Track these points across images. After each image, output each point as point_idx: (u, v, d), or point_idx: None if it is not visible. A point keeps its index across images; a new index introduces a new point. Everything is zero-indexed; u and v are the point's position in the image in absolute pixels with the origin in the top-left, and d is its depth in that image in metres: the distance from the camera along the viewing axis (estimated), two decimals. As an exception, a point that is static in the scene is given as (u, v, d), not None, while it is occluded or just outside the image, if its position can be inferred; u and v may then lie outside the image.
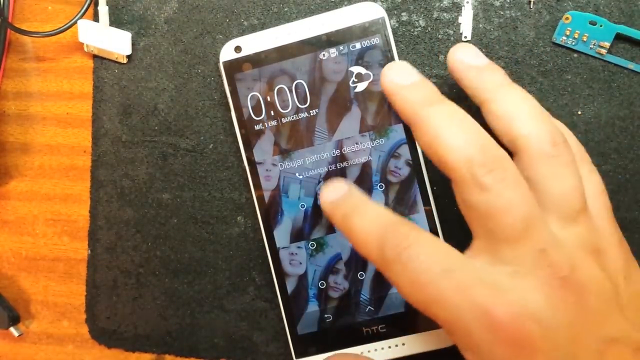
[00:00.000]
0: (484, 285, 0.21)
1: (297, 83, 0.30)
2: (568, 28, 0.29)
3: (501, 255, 0.21)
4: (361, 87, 0.29)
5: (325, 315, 0.30)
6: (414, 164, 0.29)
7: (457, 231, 0.30)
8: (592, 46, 0.29)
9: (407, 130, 0.29)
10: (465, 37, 0.30)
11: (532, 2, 0.30)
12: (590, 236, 0.22)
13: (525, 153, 0.23)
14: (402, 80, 0.24)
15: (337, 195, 0.26)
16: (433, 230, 0.29)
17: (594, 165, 0.26)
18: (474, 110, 0.24)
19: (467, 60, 0.25)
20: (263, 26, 0.32)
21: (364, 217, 0.24)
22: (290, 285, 0.30)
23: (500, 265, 0.21)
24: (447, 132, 0.22)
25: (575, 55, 0.30)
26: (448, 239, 0.29)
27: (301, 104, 0.30)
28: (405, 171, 0.29)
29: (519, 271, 0.21)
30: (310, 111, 0.30)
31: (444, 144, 0.22)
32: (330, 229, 0.30)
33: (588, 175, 0.25)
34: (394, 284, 0.22)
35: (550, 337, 0.20)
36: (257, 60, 0.30)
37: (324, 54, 0.30)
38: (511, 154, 0.23)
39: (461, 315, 0.20)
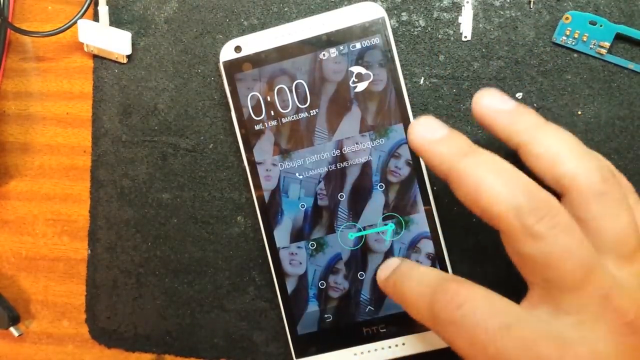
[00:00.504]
0: (548, 339, 0.20)
1: (297, 83, 0.30)
2: (568, 28, 0.29)
3: (562, 305, 0.21)
4: (361, 87, 0.29)
5: (325, 315, 0.30)
6: (414, 163, 0.29)
7: (457, 230, 0.30)
8: (592, 46, 0.29)
9: (407, 130, 0.29)
10: (465, 37, 0.30)
11: (532, 2, 0.30)
12: None
13: (574, 192, 0.21)
14: (432, 134, 0.23)
15: (390, 269, 0.26)
16: (433, 230, 0.29)
17: (638, 194, 0.25)
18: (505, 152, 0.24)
19: (495, 106, 0.24)
20: (263, 26, 0.32)
21: (412, 280, 0.24)
22: (290, 285, 0.30)
23: (563, 316, 0.20)
24: (489, 182, 0.21)
25: (575, 55, 0.30)
26: (448, 238, 0.29)
27: (301, 104, 0.30)
28: (405, 171, 0.29)
29: (583, 320, 0.20)
30: (310, 111, 0.30)
31: (487, 194, 0.21)
32: (330, 229, 0.30)
33: (636, 206, 0.24)
34: (452, 346, 0.21)
35: None
36: (257, 60, 0.30)
37: (324, 54, 0.30)
38: (558, 196, 0.22)
39: None
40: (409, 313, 0.24)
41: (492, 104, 0.24)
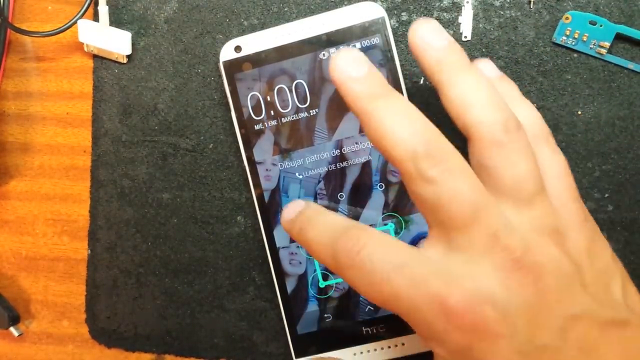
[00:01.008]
0: (437, 275, 0.21)
1: (297, 83, 0.30)
2: (568, 28, 0.29)
3: (454, 244, 0.22)
4: (361, 87, 0.29)
5: (325, 315, 0.30)
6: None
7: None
8: (592, 46, 0.29)
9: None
10: (465, 37, 0.30)
11: (532, 2, 0.30)
12: (547, 218, 0.22)
13: (477, 140, 0.23)
14: (351, 71, 0.23)
15: (295, 212, 0.26)
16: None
17: (557, 146, 0.26)
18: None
19: (428, 40, 0.24)
20: (263, 26, 0.32)
21: (315, 228, 0.24)
22: (290, 285, 0.30)
23: (454, 254, 0.22)
24: (391, 126, 0.22)
25: (575, 55, 0.30)
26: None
27: (301, 104, 0.30)
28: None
29: (472, 257, 0.21)
30: (310, 111, 0.30)
31: (389, 138, 0.22)
32: (330, 228, 0.30)
33: (551, 156, 0.25)
34: (354, 288, 0.23)
35: (507, 320, 0.20)
36: (257, 60, 0.30)
37: (324, 54, 0.30)
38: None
39: (418, 307, 0.21)
40: (313, 256, 0.25)
41: (425, 37, 0.24)
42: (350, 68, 0.23)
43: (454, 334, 0.20)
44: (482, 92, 0.23)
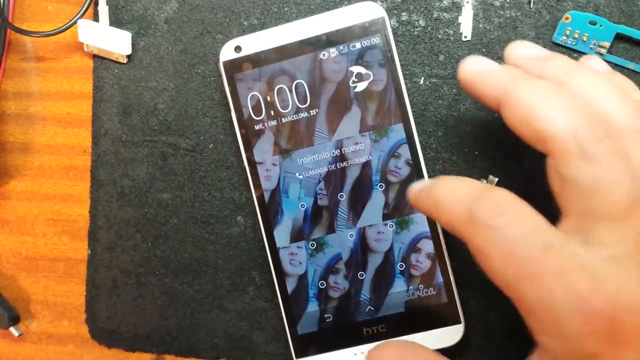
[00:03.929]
0: (583, 270, 0.19)
1: (297, 83, 0.30)
2: (568, 28, 0.29)
3: (598, 236, 0.20)
4: (361, 87, 0.29)
5: (325, 315, 0.30)
6: (414, 163, 0.29)
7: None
8: (592, 46, 0.29)
9: (407, 130, 0.29)
10: (465, 37, 0.30)
11: (532, 2, 0.30)
12: None
13: (614, 130, 0.21)
14: (486, 66, 0.23)
15: (422, 183, 0.24)
16: (433, 230, 0.29)
17: None
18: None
19: (528, 54, 0.24)
20: (263, 26, 0.32)
21: (452, 184, 0.22)
22: (290, 285, 0.30)
23: (597, 247, 0.20)
24: (546, 103, 0.20)
25: (575, 55, 0.30)
26: (448, 238, 0.29)
27: (301, 104, 0.30)
28: (405, 171, 0.29)
29: (617, 256, 0.19)
30: (310, 111, 0.30)
31: (542, 114, 0.20)
32: (330, 228, 0.30)
33: None
34: (477, 251, 0.21)
35: None
36: (257, 60, 0.30)
37: (324, 54, 0.30)
38: None
39: (555, 299, 0.19)
40: (439, 217, 0.23)
41: (524, 53, 0.24)
42: (484, 64, 0.23)
43: (587, 338, 0.19)
44: (605, 84, 0.22)
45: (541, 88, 0.21)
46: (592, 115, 0.20)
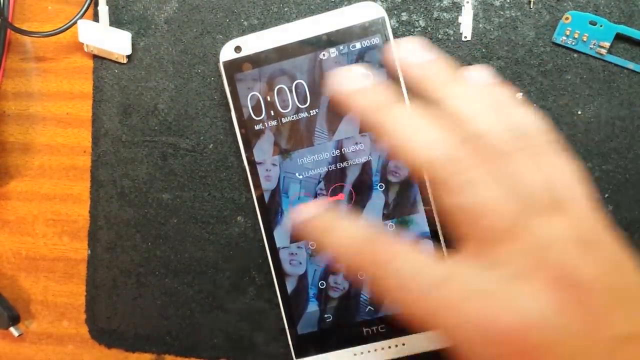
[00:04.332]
0: (480, 295, 0.19)
1: (297, 83, 0.30)
2: (568, 28, 0.29)
3: (493, 259, 0.20)
4: (361, 87, 0.29)
5: (325, 315, 0.30)
6: (414, 164, 0.29)
7: (457, 231, 0.30)
8: (592, 46, 0.29)
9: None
10: (465, 37, 0.30)
11: (532, 2, 0.30)
12: (577, 229, 0.21)
13: (492, 149, 0.21)
14: (355, 83, 0.22)
15: (313, 212, 0.24)
16: (433, 230, 0.29)
17: (569, 154, 0.24)
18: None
19: (414, 58, 0.23)
20: (263, 26, 0.32)
21: (339, 231, 0.22)
22: (290, 285, 0.30)
23: (493, 269, 0.20)
24: (418, 132, 0.21)
25: (575, 55, 0.30)
26: (448, 239, 0.29)
27: (301, 104, 0.30)
28: (405, 171, 0.29)
29: (514, 273, 0.20)
30: (310, 111, 0.30)
31: (417, 144, 0.20)
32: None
33: (564, 164, 0.23)
34: (384, 298, 0.21)
35: (561, 344, 0.19)
36: (257, 60, 0.30)
37: (324, 54, 0.30)
38: None
39: (459, 331, 0.19)
40: (335, 259, 0.23)
41: (409, 57, 0.23)
42: (353, 81, 0.22)
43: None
44: (483, 101, 0.22)
45: (406, 121, 0.21)
46: (456, 145, 0.20)
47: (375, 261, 0.21)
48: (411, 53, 0.23)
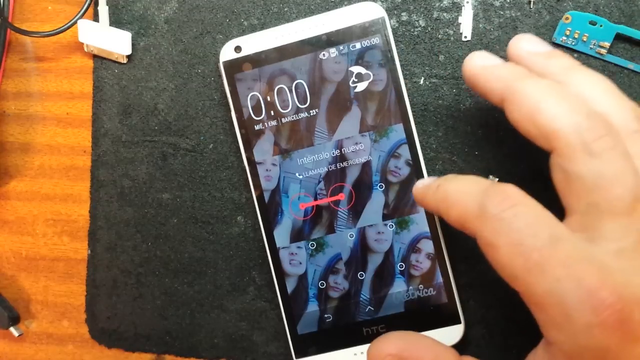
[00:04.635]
0: (590, 262, 0.19)
1: (297, 83, 0.30)
2: (568, 28, 0.29)
3: (603, 231, 0.20)
4: (361, 87, 0.29)
5: (325, 315, 0.30)
6: (414, 164, 0.29)
7: (457, 231, 0.30)
8: (592, 46, 0.29)
9: (407, 130, 0.29)
10: (465, 37, 0.30)
11: (532, 2, 0.30)
12: None
13: (613, 130, 0.21)
14: (490, 61, 0.24)
15: (429, 179, 0.25)
16: (433, 230, 0.29)
17: None
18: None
19: (532, 49, 0.24)
20: (263, 26, 0.32)
21: (460, 181, 0.23)
22: (290, 285, 0.30)
23: (603, 242, 0.20)
24: (551, 99, 0.21)
25: (575, 55, 0.30)
26: (448, 239, 0.29)
27: (301, 104, 0.30)
28: (405, 171, 0.29)
29: (624, 249, 0.20)
30: (310, 111, 0.30)
31: (547, 111, 0.21)
32: (330, 228, 0.30)
33: None
34: (486, 244, 0.21)
35: None
36: (257, 60, 0.30)
37: (324, 54, 0.30)
38: None
39: (563, 290, 0.19)
40: (446, 211, 0.23)
41: (527, 47, 0.24)
42: (488, 59, 0.24)
43: (596, 328, 0.19)
44: (601, 85, 0.23)
45: (545, 86, 0.22)
46: (594, 113, 0.21)
47: (498, 201, 0.21)
48: (534, 44, 0.24)
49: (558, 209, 0.21)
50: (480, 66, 0.24)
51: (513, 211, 0.20)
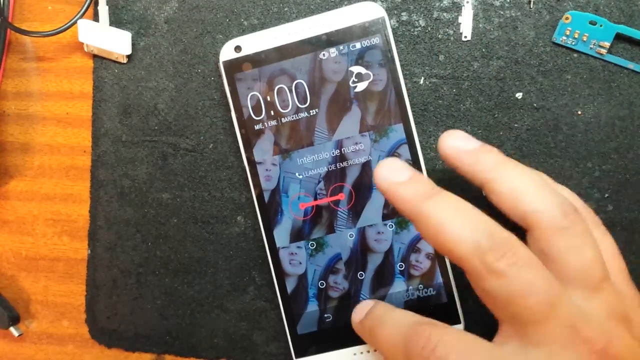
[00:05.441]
0: None
1: (297, 83, 0.30)
2: (568, 28, 0.29)
3: (531, 339, 0.21)
4: (361, 86, 0.29)
5: (325, 315, 0.30)
6: (414, 163, 0.29)
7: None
8: (592, 46, 0.29)
9: (407, 130, 0.29)
10: (465, 37, 0.30)
11: (532, 2, 0.30)
12: (616, 303, 0.22)
13: (537, 229, 0.22)
14: (396, 177, 0.24)
15: (364, 312, 0.26)
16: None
17: (604, 226, 0.26)
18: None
19: (459, 146, 0.24)
20: (263, 26, 0.32)
21: (385, 326, 0.24)
22: (290, 285, 0.30)
23: (533, 350, 0.21)
24: (450, 223, 0.21)
25: (575, 55, 0.30)
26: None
27: (301, 104, 0.30)
28: (405, 171, 0.29)
29: (552, 352, 0.21)
30: (310, 111, 0.30)
31: (449, 235, 0.21)
32: (330, 228, 0.30)
33: (602, 238, 0.24)
34: None
35: None
36: (257, 60, 0.30)
37: (324, 54, 0.30)
38: (524, 231, 0.23)
39: None
40: (383, 355, 0.24)
41: (456, 144, 0.25)
42: (394, 174, 0.23)
43: None
44: (531, 180, 0.23)
45: (444, 208, 0.22)
46: (493, 231, 0.21)
47: (419, 348, 0.22)
48: (461, 141, 0.25)
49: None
50: (389, 182, 0.24)
51: (435, 355, 0.21)
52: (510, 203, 0.23)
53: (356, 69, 0.29)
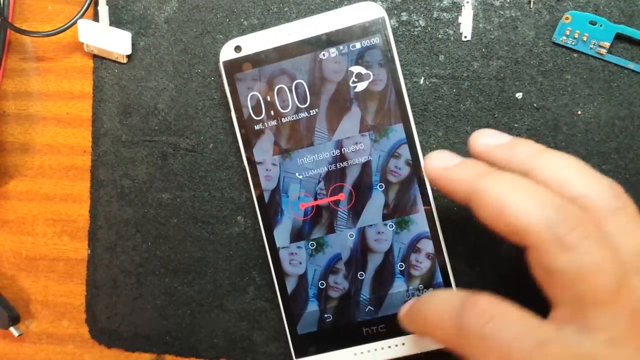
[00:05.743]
0: (582, 358, 0.19)
1: (297, 83, 0.30)
2: (568, 28, 0.29)
3: (592, 322, 0.20)
4: (361, 86, 0.29)
5: (325, 315, 0.30)
6: (414, 163, 0.29)
7: (457, 230, 0.30)
8: (592, 46, 0.29)
9: (407, 130, 0.29)
10: (465, 37, 0.30)
11: (532, 2, 0.30)
12: None
13: (590, 211, 0.21)
14: (448, 162, 0.23)
15: (408, 306, 0.25)
16: (433, 230, 0.29)
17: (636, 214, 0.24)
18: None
19: (492, 142, 0.24)
20: (263, 26, 0.32)
21: (434, 301, 0.23)
22: (290, 285, 0.30)
23: (593, 333, 0.19)
24: (514, 196, 0.20)
25: (575, 55, 0.30)
26: (448, 238, 0.29)
27: (301, 104, 0.30)
28: (405, 171, 0.29)
29: (615, 337, 0.19)
30: (310, 111, 0.30)
31: (514, 208, 0.20)
32: (330, 228, 0.30)
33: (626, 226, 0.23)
34: None
35: None
36: (257, 60, 0.30)
37: (324, 54, 0.30)
38: None
39: None
40: (431, 334, 0.23)
41: (488, 142, 0.24)
42: (443, 161, 0.23)
43: None
44: (575, 165, 0.22)
45: (508, 182, 0.21)
46: (563, 203, 0.20)
47: (475, 319, 0.21)
48: (494, 137, 0.24)
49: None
50: (440, 168, 0.23)
51: (493, 325, 0.20)
52: (556, 190, 0.21)
53: (356, 69, 0.29)
